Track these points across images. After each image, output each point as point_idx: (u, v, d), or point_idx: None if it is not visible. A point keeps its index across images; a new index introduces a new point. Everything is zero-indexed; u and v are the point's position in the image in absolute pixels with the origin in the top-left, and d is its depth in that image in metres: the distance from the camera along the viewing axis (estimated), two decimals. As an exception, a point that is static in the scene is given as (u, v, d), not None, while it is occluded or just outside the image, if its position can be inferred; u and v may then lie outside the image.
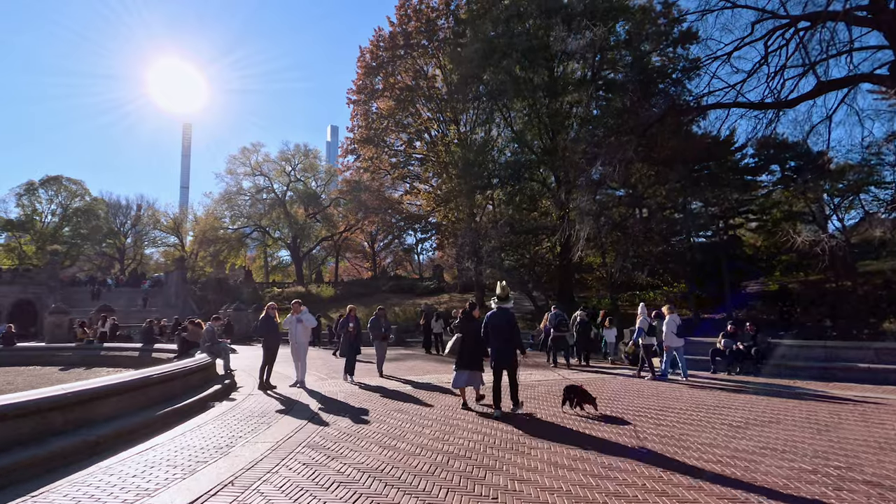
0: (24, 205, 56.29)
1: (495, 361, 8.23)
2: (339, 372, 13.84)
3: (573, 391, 8.18)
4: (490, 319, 8.37)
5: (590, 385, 10.79)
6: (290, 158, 54.48)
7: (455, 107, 32.17)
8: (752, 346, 12.28)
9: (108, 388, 7.01)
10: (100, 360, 17.28)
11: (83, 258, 61.08)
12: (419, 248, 45.55)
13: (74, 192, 58.73)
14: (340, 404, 8.89)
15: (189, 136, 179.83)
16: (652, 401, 9.09)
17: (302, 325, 10.97)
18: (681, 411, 8.11)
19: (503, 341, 8.20)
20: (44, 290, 42.32)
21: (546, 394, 10.02)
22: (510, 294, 9.29)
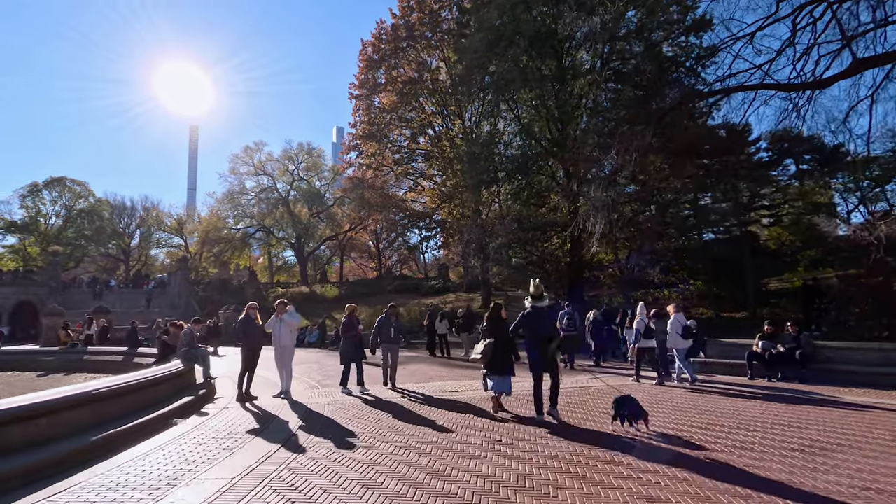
0: (28, 206, 55.49)
1: (534, 365, 7.63)
2: (332, 378, 12.50)
3: (626, 405, 6.76)
4: (525, 320, 7.77)
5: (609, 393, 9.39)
6: (293, 157, 53.27)
7: (459, 100, 30.76)
8: (795, 348, 10.79)
9: (37, 406, 5.67)
10: (81, 365, 16.02)
11: (88, 259, 60.23)
12: (424, 247, 44.15)
13: (78, 193, 57.85)
14: (326, 421, 7.51)
15: (196, 138, 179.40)
16: (691, 414, 7.64)
17: (287, 327, 9.59)
18: (732, 430, 6.66)
19: (540, 342, 7.58)
20: (44, 292, 41.32)
21: (567, 403, 8.58)
22: (545, 292, 8.20)
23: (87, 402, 6.32)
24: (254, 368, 9.46)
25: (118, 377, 7.69)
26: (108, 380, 7.39)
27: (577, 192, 22.37)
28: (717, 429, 6.73)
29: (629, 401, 6.85)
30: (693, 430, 6.70)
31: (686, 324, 10.93)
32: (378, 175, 38.33)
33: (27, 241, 55.54)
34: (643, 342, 11.09)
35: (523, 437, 6.40)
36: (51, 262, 44.66)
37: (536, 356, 7.63)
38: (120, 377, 7.68)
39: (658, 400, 8.95)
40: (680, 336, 10.81)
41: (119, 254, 62.70)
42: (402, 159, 36.32)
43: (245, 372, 9.29)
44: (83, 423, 6.19)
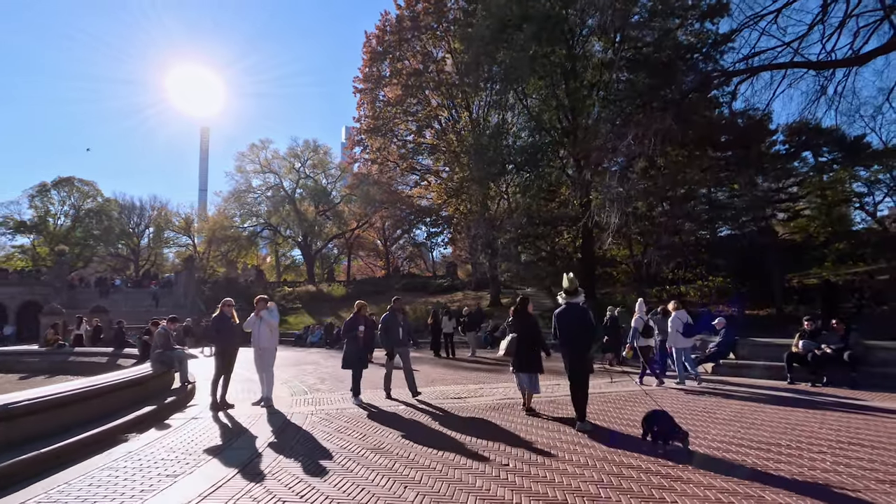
0: (36, 206, 55.08)
1: (569, 366, 6.83)
2: (326, 382, 11.36)
3: (657, 420, 5.54)
4: (559, 318, 6.96)
5: (632, 401, 8.14)
6: (299, 155, 52.26)
7: (466, 91, 29.53)
8: (843, 349, 9.43)
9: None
10: (66, 366, 15.01)
11: (97, 259, 59.80)
12: (430, 244, 42.91)
13: (87, 193, 57.39)
14: (302, 436, 6.33)
15: (207, 139, 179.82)
16: (735, 428, 6.36)
17: (267, 327, 8.43)
18: (792, 450, 5.38)
19: (576, 342, 6.77)
20: (50, 292, 40.70)
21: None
22: (579, 287, 7.23)
23: (9, 419, 5.20)
24: (229, 373, 8.32)
25: (61, 385, 6.58)
26: (44, 389, 6.27)
27: (590, 182, 21.04)
28: (774, 449, 5.45)
29: (661, 416, 5.62)
30: (744, 450, 5.43)
31: (687, 321, 10.14)
32: (383, 171, 37.18)
33: (36, 241, 55.23)
34: (642, 341, 10.24)
35: (546, 452, 5.17)
36: (57, 261, 44.09)
37: (567, 358, 6.84)
38: (64, 385, 6.57)
39: (690, 409, 7.68)
40: (681, 334, 10.07)
41: (129, 253, 62.22)
42: (407, 154, 35.12)
43: (219, 377, 8.16)
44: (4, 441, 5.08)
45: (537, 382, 7.62)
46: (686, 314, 10.37)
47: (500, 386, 10.28)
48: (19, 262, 52.31)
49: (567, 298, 6.98)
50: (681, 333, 10.09)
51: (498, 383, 10.73)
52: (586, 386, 6.76)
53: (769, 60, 15.77)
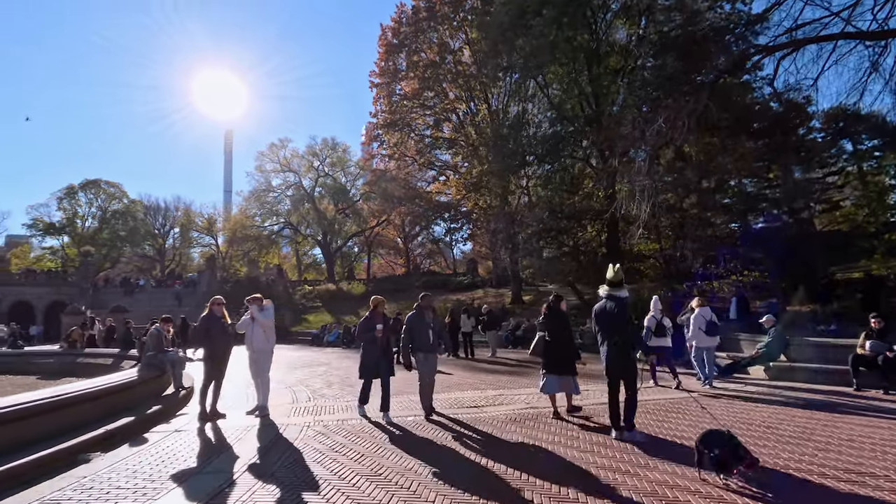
0: (65, 208, 55.94)
1: (609, 367, 5.96)
2: (332, 387, 10.46)
3: (715, 442, 4.44)
4: (599, 314, 6.14)
5: (674, 410, 7.00)
6: (318, 153, 51.79)
7: (484, 82, 28.41)
8: (920, 351, 8.11)
9: None
10: (74, 368, 14.47)
11: (124, 260, 60.53)
12: (450, 239, 41.83)
13: (112, 194, 58.04)
14: (290, 457, 5.39)
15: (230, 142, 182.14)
16: (807, 449, 5.20)
17: (260, 328, 7.53)
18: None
19: (618, 341, 5.86)
20: (76, 292, 41.06)
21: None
22: (624, 280, 6.31)
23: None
24: (220, 379, 7.45)
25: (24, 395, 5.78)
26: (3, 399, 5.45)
27: (616, 172, 19.74)
28: (871, 481, 4.28)
29: (721, 438, 4.48)
30: (831, 481, 4.28)
31: (711, 319, 9.49)
32: (401, 166, 36.28)
33: (65, 242, 56.11)
34: (655, 341, 9.53)
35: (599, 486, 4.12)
36: (83, 262, 44.52)
37: (607, 358, 5.96)
38: (28, 394, 5.77)
39: (745, 422, 6.50)
40: (704, 333, 9.39)
41: (154, 254, 62.87)
42: (424, 148, 34.13)
43: (208, 384, 7.29)
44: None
45: (574, 385, 7.05)
46: (710, 311, 9.67)
47: (521, 392, 9.23)
48: (49, 263, 53.12)
49: (609, 291, 6.08)
50: (703, 332, 9.38)
51: (519, 389, 9.67)
52: (635, 391, 5.84)
53: (815, 33, 14.28)
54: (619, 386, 5.91)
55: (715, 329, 9.46)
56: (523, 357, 16.03)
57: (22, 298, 40.79)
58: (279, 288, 46.59)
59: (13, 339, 26.09)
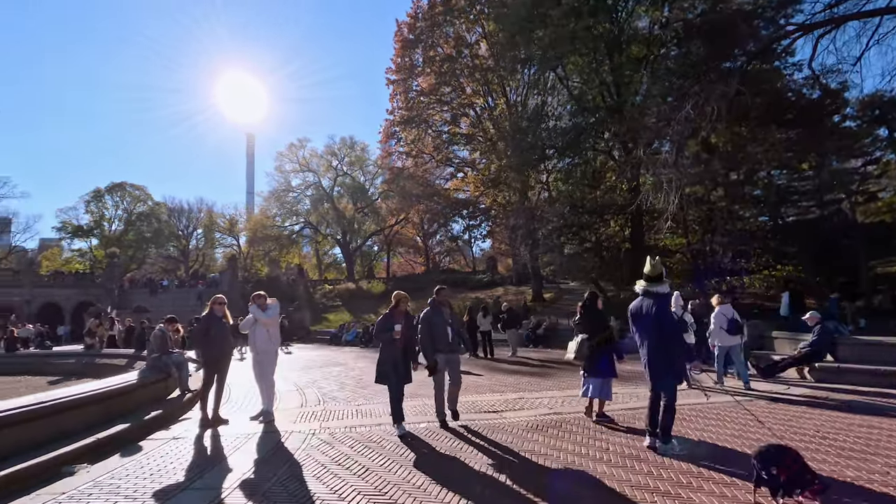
0: (92, 211, 57.03)
1: (650, 372, 5.27)
2: (345, 390, 9.96)
3: (777, 460, 3.76)
4: (635, 313, 5.46)
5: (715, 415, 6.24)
6: (336, 152, 51.76)
7: (501, 75, 27.73)
8: None
9: None
10: (89, 368, 14.36)
11: (149, 261, 61.45)
12: (468, 236, 41.20)
13: (138, 197, 58.96)
14: (288, 470, 4.88)
15: (252, 144, 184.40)
16: (877, 464, 4.48)
17: (264, 329, 7.05)
18: None
19: (657, 342, 5.16)
20: (102, 293, 41.66)
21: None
22: (664, 274, 5.51)
23: None
24: (222, 383, 7.01)
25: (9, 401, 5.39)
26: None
27: (641, 163, 18.87)
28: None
29: (783, 455, 3.79)
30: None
31: (732, 317, 9.02)
32: (418, 164, 35.79)
33: (93, 245, 57.23)
34: None
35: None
36: (109, 263, 45.18)
37: (647, 361, 5.28)
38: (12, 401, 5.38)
39: (797, 430, 5.76)
40: (725, 331, 8.92)
41: (179, 255, 63.70)
42: (442, 144, 33.56)
43: (208, 388, 6.86)
44: None
45: (610, 388, 6.61)
46: (731, 309, 9.20)
47: (543, 395, 8.59)
48: (77, 265, 54.17)
49: (647, 287, 5.37)
50: (725, 330, 8.90)
51: (541, 392, 9.04)
52: (673, 398, 5.14)
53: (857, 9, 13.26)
54: (659, 392, 5.24)
55: (737, 327, 8.96)
56: (545, 356, 15.36)
57: (51, 300, 41.53)
58: (300, 287, 46.65)
59: (40, 340, 26.43)
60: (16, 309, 40.34)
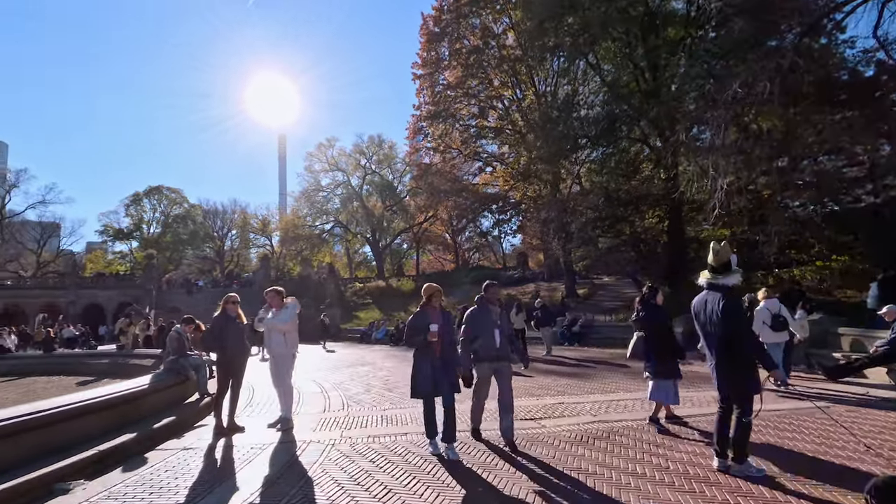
0: (132, 214, 58.74)
1: (718, 380, 4.42)
2: (371, 392, 9.37)
3: None
4: (698, 311, 4.56)
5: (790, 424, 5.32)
6: (364, 151, 51.71)
7: (530, 65, 26.77)
8: None
9: None
10: (118, 369, 14.27)
11: (186, 263, 62.87)
12: (498, 231, 40.33)
13: (174, 199, 60.39)
14: (300, 491, 4.28)
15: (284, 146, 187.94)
16: None
17: (279, 331, 6.49)
18: None
19: (726, 345, 4.29)
20: (142, 293, 42.63)
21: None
22: (733, 262, 4.52)
23: None
24: (237, 388, 6.50)
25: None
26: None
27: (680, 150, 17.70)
28: None
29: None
30: None
31: (777, 313, 8.39)
32: (446, 159, 35.11)
33: (134, 247, 58.94)
34: None
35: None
36: (147, 265, 46.28)
37: (721, 371, 4.37)
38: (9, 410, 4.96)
39: (892, 444, 4.85)
40: (769, 328, 8.23)
41: (214, 256, 64.99)
42: (469, 138, 32.77)
43: (223, 394, 6.36)
44: None
45: (675, 391, 6.03)
46: (777, 303, 8.57)
47: (585, 400, 7.80)
48: (119, 267, 55.87)
49: (712, 279, 4.48)
50: (769, 326, 8.24)
51: (582, 395, 8.24)
52: (747, 414, 4.23)
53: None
54: (730, 406, 4.38)
55: (781, 324, 8.31)
56: (582, 355, 14.53)
57: (94, 301, 42.78)
58: (331, 286, 46.77)
59: (85, 339, 27.09)
60: (61, 310, 41.78)
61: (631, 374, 10.38)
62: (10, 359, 17.02)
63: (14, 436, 4.45)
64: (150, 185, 59.43)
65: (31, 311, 41.39)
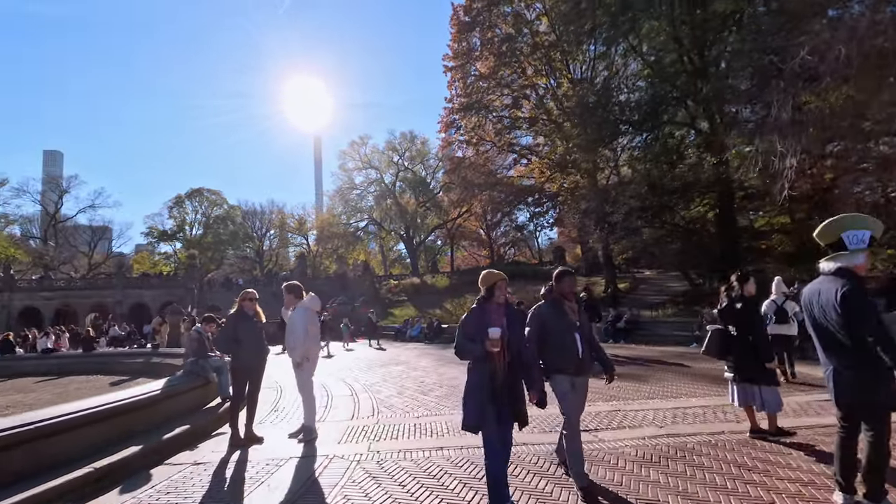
0: (175, 216, 60.27)
1: (835, 391, 3.40)
2: (405, 395, 8.59)
3: None
4: (810, 303, 3.54)
5: None
6: (396, 148, 51.31)
7: (565, 50, 25.49)
8: None
9: None
10: (153, 368, 14.05)
11: (227, 263, 64.12)
12: (534, 226, 39.07)
13: (214, 201, 61.61)
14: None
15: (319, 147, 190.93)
16: None
17: (301, 330, 5.77)
18: None
19: (842, 346, 3.29)
20: (183, 292, 43.51)
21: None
22: (851, 240, 3.35)
23: None
24: (255, 395, 5.85)
25: None
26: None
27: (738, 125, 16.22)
28: None
29: None
30: None
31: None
32: (479, 152, 34.11)
33: (177, 248, 60.52)
34: (775, 328, 7.91)
35: None
36: (189, 265, 47.25)
37: (841, 379, 3.36)
38: None
39: None
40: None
41: (254, 255, 66.08)
42: (503, 129, 31.65)
43: (239, 400, 5.71)
44: None
45: (776, 398, 4.97)
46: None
47: (645, 407, 6.79)
48: (164, 267, 57.39)
49: (826, 262, 3.46)
50: None
51: (640, 400, 7.24)
52: (884, 436, 3.20)
53: None
54: (856, 425, 3.35)
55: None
56: (631, 353, 13.44)
57: (140, 300, 43.90)
58: (365, 283, 46.61)
59: (133, 337, 27.65)
60: (109, 309, 43.12)
61: (692, 376, 9.28)
62: (51, 358, 17.17)
63: (18, 446, 3.88)
64: (191, 187, 60.81)
65: (81, 311, 42.91)
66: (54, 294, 42.42)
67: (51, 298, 42.00)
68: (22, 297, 41.42)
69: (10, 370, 16.03)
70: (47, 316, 40.56)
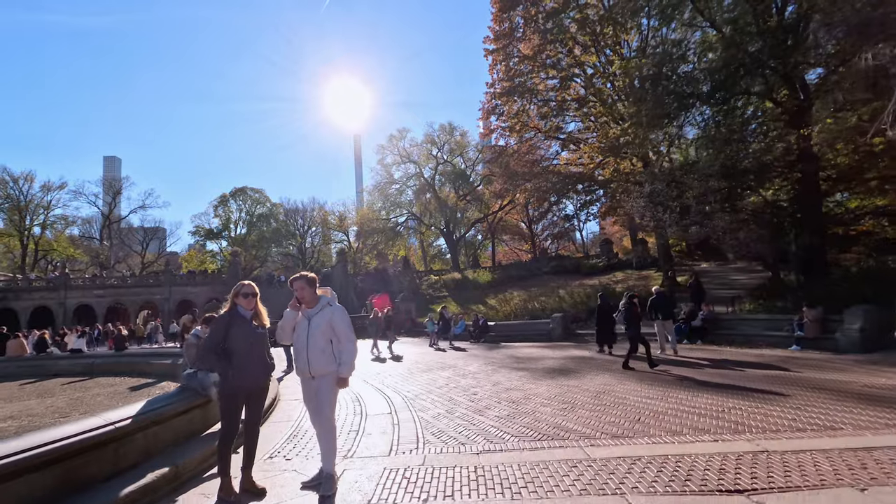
0: (220, 215, 60.80)
1: None
2: (457, 413, 6.70)
3: None
4: None
5: None
6: (435, 140, 49.57)
7: (618, 21, 22.99)
8: None
9: None
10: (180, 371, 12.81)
11: (270, 260, 64.36)
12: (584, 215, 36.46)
13: (257, 199, 61.82)
14: None
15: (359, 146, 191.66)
16: None
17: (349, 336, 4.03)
18: None
19: None
20: (226, 289, 43.28)
21: None
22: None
23: None
24: (254, 426, 4.16)
25: None
26: None
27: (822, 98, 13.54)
28: None
29: None
30: None
31: None
32: (522, 139, 31.85)
33: (223, 246, 61.10)
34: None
35: None
36: (231, 262, 47.21)
37: None
38: None
39: None
40: None
41: (296, 252, 66.08)
42: (549, 113, 29.25)
43: (230, 435, 4.01)
44: None
45: None
46: None
47: (801, 445, 4.65)
48: (210, 265, 57.93)
49: None
50: None
51: (782, 432, 5.09)
52: None
53: None
54: None
55: None
56: (716, 356, 11.15)
57: (186, 297, 44.08)
58: (406, 278, 45.23)
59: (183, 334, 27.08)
60: (157, 306, 43.51)
61: (830, 392, 6.98)
62: (82, 358, 16.35)
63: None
64: (235, 186, 61.20)
65: (132, 308, 43.44)
66: (106, 292, 43.09)
67: (103, 296, 42.67)
68: (77, 294, 42.24)
69: (45, 369, 15.30)
70: (100, 313, 41.21)
